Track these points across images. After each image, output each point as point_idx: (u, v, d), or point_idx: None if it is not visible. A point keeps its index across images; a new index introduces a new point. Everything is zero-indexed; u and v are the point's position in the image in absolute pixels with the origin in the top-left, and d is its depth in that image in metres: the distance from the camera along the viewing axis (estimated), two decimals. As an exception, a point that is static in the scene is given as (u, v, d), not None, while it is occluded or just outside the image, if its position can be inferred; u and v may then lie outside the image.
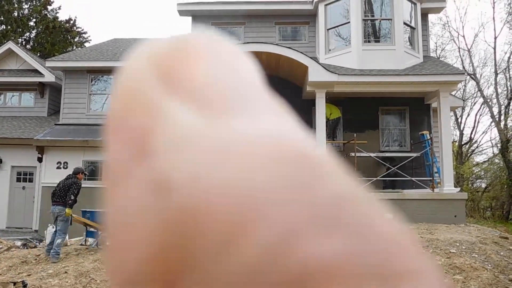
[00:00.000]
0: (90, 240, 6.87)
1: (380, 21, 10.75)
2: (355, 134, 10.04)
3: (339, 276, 0.10)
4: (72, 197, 6.09)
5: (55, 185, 11.31)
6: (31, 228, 11.74)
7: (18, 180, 12.22)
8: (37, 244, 7.06)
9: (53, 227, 6.83)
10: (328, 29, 10.93)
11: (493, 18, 26.69)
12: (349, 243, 0.11)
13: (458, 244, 6.55)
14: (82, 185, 6.54)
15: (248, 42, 10.21)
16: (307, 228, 0.11)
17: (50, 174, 11.50)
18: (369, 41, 10.55)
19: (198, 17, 11.99)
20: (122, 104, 0.14)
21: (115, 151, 0.13)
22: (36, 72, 13.68)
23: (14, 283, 4.07)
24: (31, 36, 25.76)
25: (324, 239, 0.10)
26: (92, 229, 6.64)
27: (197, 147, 0.12)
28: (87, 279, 4.69)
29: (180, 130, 0.12)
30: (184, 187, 0.11)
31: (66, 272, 4.88)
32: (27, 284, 4.20)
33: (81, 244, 6.84)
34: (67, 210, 6.02)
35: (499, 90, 22.78)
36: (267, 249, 0.10)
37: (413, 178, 9.98)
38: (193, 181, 0.11)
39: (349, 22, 10.51)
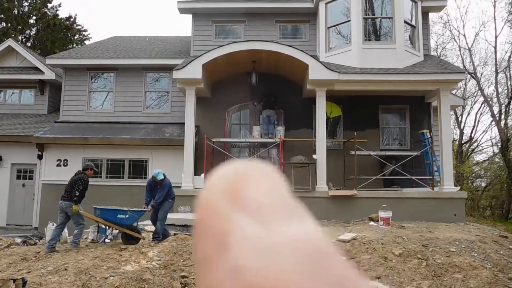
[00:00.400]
0: (90, 235, 6.92)
1: (380, 20, 10.73)
2: (355, 133, 10.04)
3: None
4: (77, 193, 6.17)
5: (55, 182, 11.48)
6: (31, 226, 11.76)
7: (18, 177, 12.22)
8: (37, 241, 7.07)
9: (53, 224, 6.87)
10: (328, 27, 10.91)
11: (494, 17, 26.61)
12: None
13: (457, 243, 6.56)
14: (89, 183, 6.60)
15: (248, 40, 10.20)
16: None
17: (50, 172, 11.53)
18: (369, 40, 10.53)
19: (199, 15, 11.96)
20: (206, 215, 0.22)
21: (203, 246, 0.21)
22: (36, 69, 13.67)
23: (14, 280, 4.03)
24: (31, 34, 25.72)
25: None
26: (103, 226, 6.68)
27: (257, 244, 0.20)
28: (87, 276, 4.66)
29: (245, 232, 0.20)
30: (251, 271, 0.19)
31: (66, 269, 4.86)
32: (27, 281, 4.18)
33: (92, 240, 6.90)
34: (73, 206, 6.14)
35: (500, 89, 22.77)
36: None
37: (413, 177, 9.98)
38: (256, 267, 0.19)
39: (349, 20, 10.49)
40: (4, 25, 23.91)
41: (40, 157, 11.69)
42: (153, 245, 6.40)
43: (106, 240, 6.71)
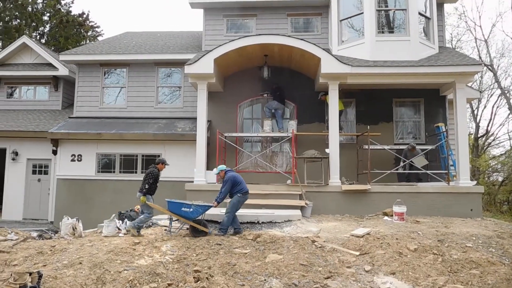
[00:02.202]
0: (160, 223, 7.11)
1: (394, 12, 10.51)
2: (368, 127, 9.91)
3: None
4: (147, 186, 6.63)
5: (70, 177, 11.69)
6: (47, 220, 11.99)
7: (34, 172, 12.45)
8: (53, 235, 7.15)
9: (68, 218, 7.01)
10: (341, 20, 10.75)
11: (512, 7, 25.79)
12: None
13: (474, 238, 6.45)
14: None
15: (260, 34, 10.13)
16: None
17: (65, 167, 11.76)
18: (382, 32, 10.34)
19: (210, 9, 11.92)
20: None
21: None
22: (50, 66, 13.89)
23: (30, 274, 4.06)
24: (45, 31, 26.09)
25: None
26: (174, 218, 6.93)
27: None
28: (101, 270, 4.64)
29: None
30: None
31: (80, 263, 4.88)
32: (42, 274, 4.20)
33: (165, 230, 7.09)
34: (141, 197, 6.60)
35: (517, 81, 22.06)
36: None
37: (428, 171, 9.82)
38: None
39: (362, 13, 10.31)
40: (19, 22, 24.28)
41: (54, 152, 11.93)
42: (218, 236, 6.56)
43: (173, 229, 6.89)
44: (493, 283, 4.86)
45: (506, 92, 22.50)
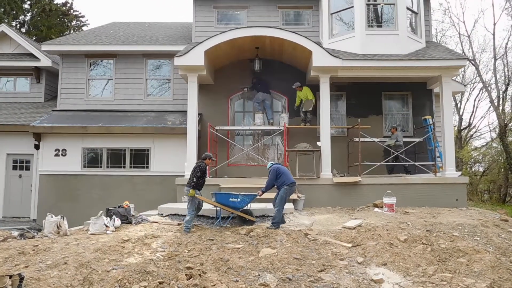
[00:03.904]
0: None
1: (383, 6, 10.60)
2: (359, 120, 10.05)
3: None
4: (195, 179, 6.76)
5: (53, 172, 11.31)
6: (29, 218, 11.52)
7: (14, 168, 11.89)
8: (35, 234, 6.75)
9: (51, 216, 6.69)
10: (331, 14, 10.79)
11: (492, 4, 26.58)
12: None
13: (460, 227, 6.67)
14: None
15: (251, 26, 10.07)
16: None
17: (48, 162, 11.27)
18: (372, 26, 10.44)
19: (200, 0, 11.76)
20: None
21: None
22: (31, 56, 13.27)
23: (10, 276, 3.72)
24: (26, 19, 25.14)
25: None
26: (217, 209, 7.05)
27: None
28: (88, 270, 4.44)
29: None
30: None
31: (65, 263, 4.61)
32: (24, 276, 3.87)
33: (213, 223, 7.12)
34: (190, 190, 6.68)
35: (498, 76, 22.79)
36: None
37: (416, 163, 10.07)
38: None
39: (352, 6, 10.37)
40: (-3, 10, 23.32)
41: (37, 147, 11.43)
42: (271, 230, 6.51)
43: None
44: (479, 271, 5.06)
45: (487, 86, 23.15)
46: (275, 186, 6.97)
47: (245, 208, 7.02)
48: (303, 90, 10.43)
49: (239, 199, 6.87)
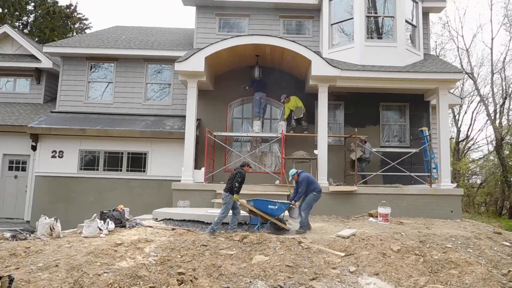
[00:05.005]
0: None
1: (382, 18, 10.78)
2: (356, 129, 10.14)
3: None
4: (237, 185, 6.99)
5: (50, 174, 11.29)
6: (23, 219, 11.40)
7: (10, 168, 11.74)
8: (28, 236, 6.71)
9: (45, 218, 6.66)
10: (332, 24, 10.94)
11: (491, 19, 26.91)
12: None
13: (454, 239, 6.70)
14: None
15: (252, 34, 10.20)
16: None
17: (45, 163, 11.21)
18: (371, 38, 10.59)
19: (203, 7, 11.91)
20: None
21: None
22: (32, 57, 13.31)
23: (0, 277, 3.72)
24: (29, 21, 25.30)
25: None
26: (253, 216, 7.17)
27: None
28: (79, 273, 4.40)
29: None
30: None
31: (57, 266, 4.58)
32: (13, 278, 3.84)
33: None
34: (234, 195, 6.95)
35: (495, 90, 23.06)
36: None
37: (412, 174, 10.13)
38: None
39: (352, 18, 10.53)
40: (1, 10, 23.51)
41: (34, 148, 11.37)
42: (300, 233, 6.86)
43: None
44: (470, 283, 5.07)
45: (484, 99, 23.38)
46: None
47: (280, 216, 7.17)
48: (291, 100, 10.56)
49: (276, 207, 7.05)
